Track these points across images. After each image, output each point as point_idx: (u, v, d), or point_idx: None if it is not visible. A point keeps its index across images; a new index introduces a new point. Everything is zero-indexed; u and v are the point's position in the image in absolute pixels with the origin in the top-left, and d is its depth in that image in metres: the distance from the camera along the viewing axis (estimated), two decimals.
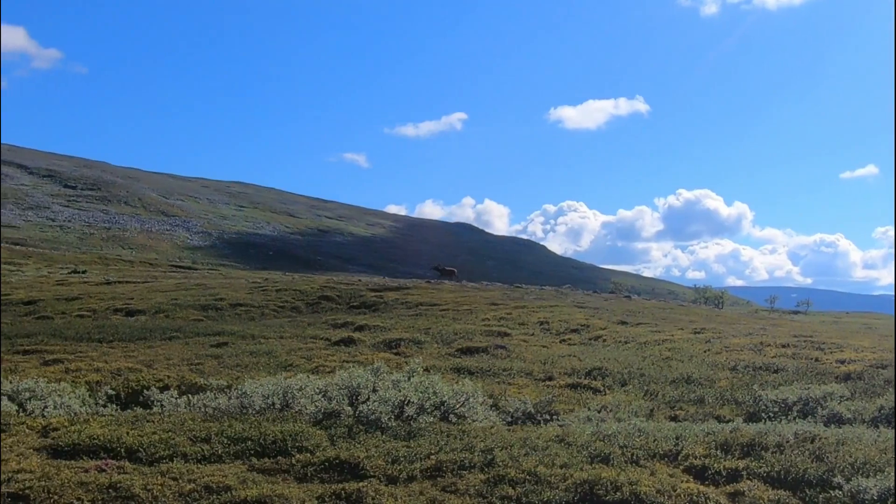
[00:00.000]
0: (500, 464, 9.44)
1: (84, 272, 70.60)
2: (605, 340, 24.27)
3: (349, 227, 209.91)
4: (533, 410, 13.87)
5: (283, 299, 38.16)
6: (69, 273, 69.55)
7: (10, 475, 8.68)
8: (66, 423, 11.55)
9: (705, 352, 21.69)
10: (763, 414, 13.77)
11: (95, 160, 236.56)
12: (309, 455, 9.70)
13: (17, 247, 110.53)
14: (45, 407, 13.45)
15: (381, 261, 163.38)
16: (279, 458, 9.70)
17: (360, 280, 54.14)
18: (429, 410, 11.88)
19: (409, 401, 11.72)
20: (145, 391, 14.45)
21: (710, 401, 15.64)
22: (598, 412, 13.55)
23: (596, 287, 71.53)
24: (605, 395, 16.26)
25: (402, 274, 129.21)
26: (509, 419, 13.43)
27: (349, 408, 11.79)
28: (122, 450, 9.85)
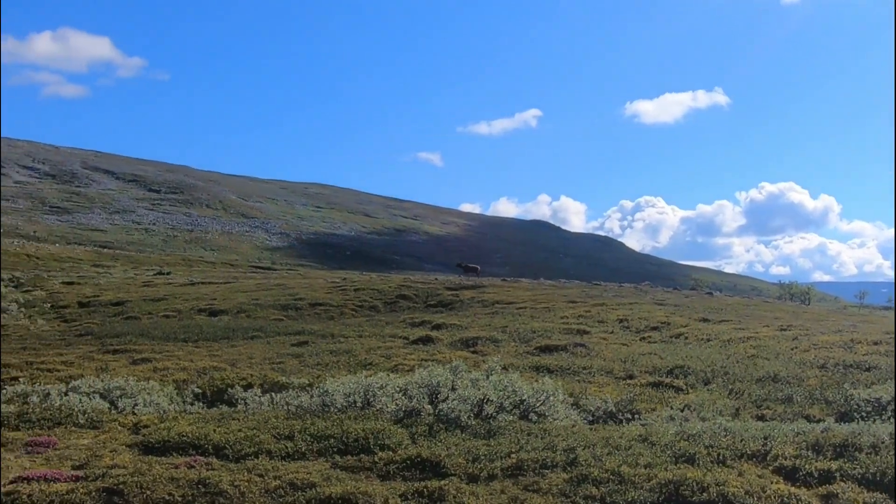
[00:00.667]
0: (583, 463, 9.33)
1: (169, 273, 72.67)
2: (686, 338, 23.81)
3: (424, 226, 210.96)
4: (614, 409, 13.68)
5: (362, 298, 38.56)
6: (154, 274, 71.69)
7: (104, 470, 8.97)
8: (155, 421, 11.90)
9: (792, 349, 21.06)
10: (855, 414, 13.28)
11: (178, 164, 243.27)
12: (391, 453, 9.76)
13: (105, 250, 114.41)
14: (136, 405, 13.86)
15: (456, 259, 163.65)
16: (362, 455, 9.79)
17: (436, 279, 54.35)
18: (508, 409, 11.84)
19: (488, 399, 11.69)
20: (230, 389, 14.78)
21: (799, 400, 15.17)
22: (681, 411, 13.29)
23: (675, 284, 70.31)
24: (687, 393, 15.93)
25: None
26: (590, 418, 13.27)
27: (429, 406, 11.82)
28: (210, 447, 10.07)
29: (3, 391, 15.22)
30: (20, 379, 16.98)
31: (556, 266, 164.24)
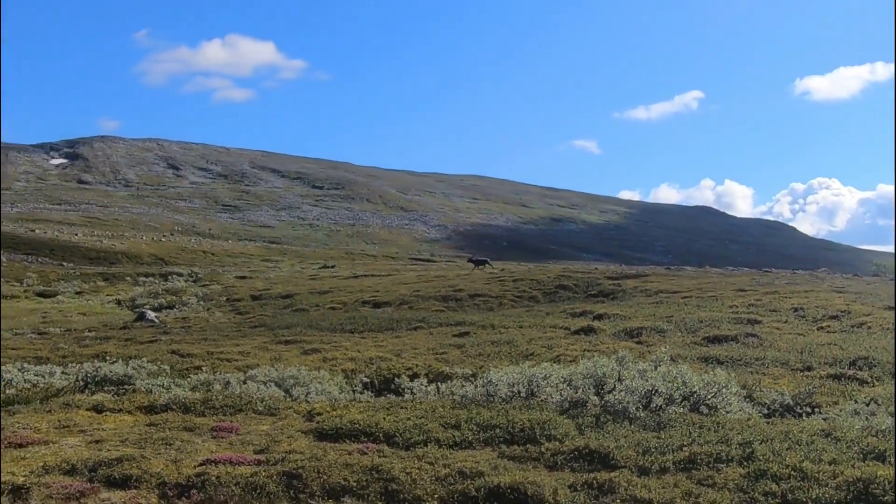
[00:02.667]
0: (761, 458, 8.91)
1: (333, 267, 75.44)
2: (870, 327, 22.30)
3: (582, 214, 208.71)
4: (791, 402, 12.98)
5: (521, 289, 38.58)
6: (320, 268, 74.62)
7: (283, 455, 9.37)
8: (328, 409, 12.33)
9: None
10: None
11: (340, 161, 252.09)
12: (557, 443, 9.68)
13: (273, 245, 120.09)
14: (308, 393, 14.43)
15: (616, 248, 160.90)
16: (528, 445, 9.76)
17: (595, 268, 53.64)
18: (678, 401, 11.48)
19: (657, 390, 11.38)
20: (396, 379, 15.12)
21: None
22: (867, 405, 12.43)
23: (855, 270, 66.09)
24: (873, 386, 14.91)
25: (639, 261, 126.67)
26: (765, 411, 12.66)
27: (595, 397, 11.65)
28: (380, 434, 10.33)
29: (188, 379, 16.25)
30: (203, 368, 18.05)
31: (721, 253, 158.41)
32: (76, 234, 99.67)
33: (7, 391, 15.31)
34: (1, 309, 27.45)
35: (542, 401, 11.94)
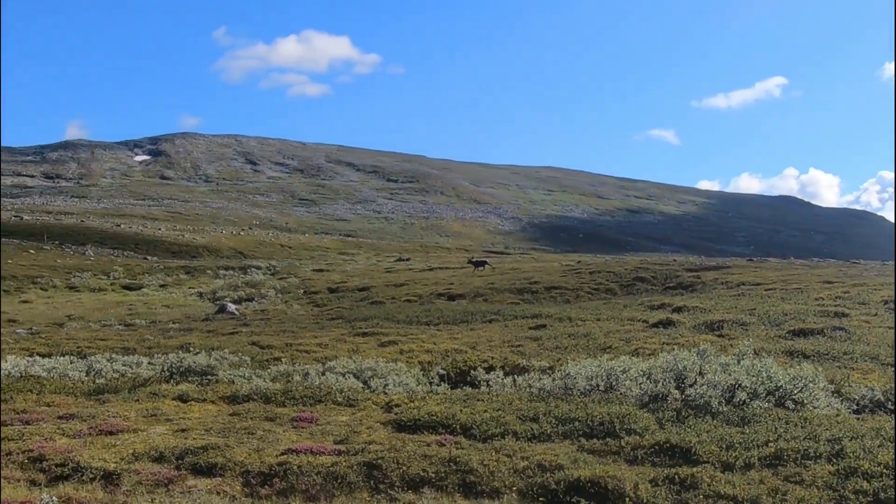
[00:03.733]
0: (851, 455, 8.60)
1: (408, 260, 75.89)
2: None
3: (659, 205, 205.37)
4: (882, 398, 12.50)
5: (597, 281, 38.19)
6: (395, 261, 75.19)
7: (363, 445, 9.46)
8: (405, 400, 12.41)
9: None
10: None
11: (414, 154, 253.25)
12: (638, 437, 9.53)
13: (350, 238, 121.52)
14: (386, 384, 14.54)
15: (695, 239, 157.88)
16: (607, 439, 9.64)
17: (674, 260, 52.74)
18: (762, 396, 11.16)
19: (740, 385, 11.09)
20: (472, 371, 15.10)
21: None
22: None
23: None
24: None
25: (718, 252, 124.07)
26: (855, 407, 12.22)
27: (676, 391, 11.43)
28: (458, 426, 10.34)
29: (268, 370, 16.55)
30: (282, 359, 18.37)
31: (806, 244, 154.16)
32: (159, 229, 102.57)
33: (97, 381, 15.85)
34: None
35: (621, 394, 11.78)
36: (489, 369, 15.11)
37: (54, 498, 6.91)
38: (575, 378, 12.37)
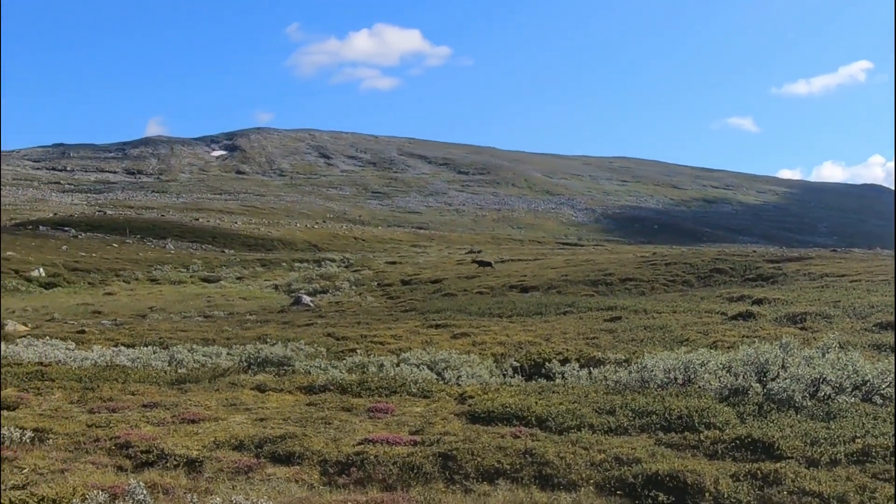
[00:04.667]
0: None
1: (480, 252, 75.84)
2: None
3: (738, 195, 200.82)
4: None
5: (674, 273, 37.56)
6: (466, 253, 75.22)
7: (437, 436, 9.49)
8: (479, 392, 12.40)
9: None
10: None
11: (484, 146, 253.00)
12: (717, 432, 9.33)
13: (421, 230, 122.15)
14: (460, 376, 14.57)
15: (775, 230, 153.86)
16: (686, 433, 9.45)
17: (753, 251, 51.55)
18: (848, 390, 10.81)
19: (825, 379, 10.76)
20: (547, 363, 15.00)
21: None
22: None
23: None
24: None
25: (800, 243, 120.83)
26: None
27: (757, 385, 11.15)
28: (533, 418, 10.28)
29: (343, 361, 16.74)
30: (357, 351, 18.58)
31: (893, 234, 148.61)
32: (236, 223, 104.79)
33: (178, 370, 16.28)
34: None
35: (699, 388, 11.54)
36: (564, 361, 15.00)
37: (141, 483, 7.10)
38: (652, 371, 12.18)
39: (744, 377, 11.33)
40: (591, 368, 13.95)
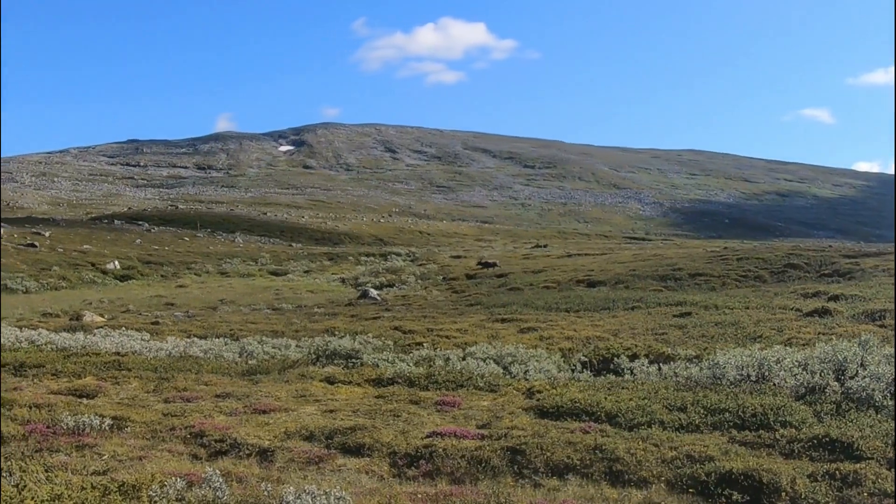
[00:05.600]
0: None
1: (545, 246, 75.50)
2: None
3: (812, 189, 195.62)
4: None
5: (745, 268, 36.78)
6: (532, 247, 74.94)
7: (505, 431, 9.46)
8: (547, 387, 12.33)
9: None
10: None
11: (551, 140, 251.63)
12: (793, 430, 9.10)
13: (486, 224, 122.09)
14: (527, 371, 14.50)
15: (851, 224, 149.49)
16: (760, 431, 9.24)
17: (829, 246, 50.17)
18: None
19: None
20: (615, 359, 14.83)
21: None
22: None
23: None
24: None
25: (878, 238, 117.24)
26: None
27: (835, 383, 10.83)
28: (602, 414, 10.18)
29: (411, 355, 16.83)
30: (423, 344, 18.64)
31: None
32: (303, 217, 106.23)
33: (249, 362, 16.58)
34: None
35: (774, 385, 11.26)
36: (633, 357, 14.81)
37: (217, 471, 7.24)
38: (724, 367, 11.94)
39: (821, 375, 11.02)
40: (661, 364, 13.73)
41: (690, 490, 7.65)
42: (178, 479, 7.03)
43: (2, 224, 56.92)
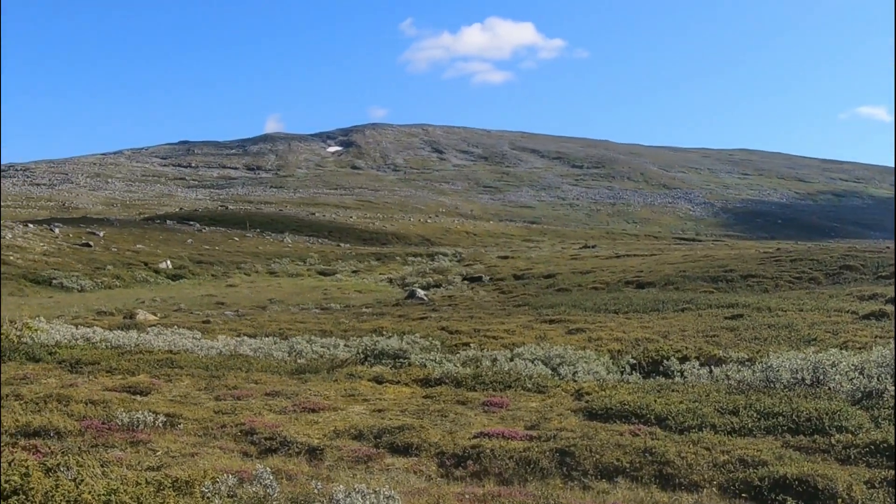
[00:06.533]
0: None
1: (594, 247, 74.98)
2: None
3: (869, 188, 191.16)
4: None
5: (799, 270, 36.09)
6: (581, 248, 74.51)
7: (554, 432, 9.41)
8: (596, 388, 12.23)
9: None
10: None
11: (599, 139, 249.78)
12: (850, 436, 8.89)
13: (534, 225, 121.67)
14: (575, 372, 14.40)
15: None
16: (815, 436, 9.05)
17: (887, 247, 48.97)
18: None
19: None
20: (665, 361, 14.66)
21: None
22: None
23: None
24: None
25: None
26: None
27: (893, 387, 10.57)
28: (652, 416, 10.06)
29: (458, 355, 16.82)
30: (470, 345, 18.63)
31: None
32: (351, 217, 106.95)
33: (298, 361, 16.73)
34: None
35: (829, 389, 11.03)
36: (683, 359, 14.62)
37: (267, 469, 7.31)
38: (778, 370, 11.72)
39: (878, 379, 10.77)
40: (712, 367, 13.53)
41: (743, 495, 7.52)
42: (230, 476, 7.11)
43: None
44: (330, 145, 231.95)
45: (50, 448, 8.64)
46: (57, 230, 62.46)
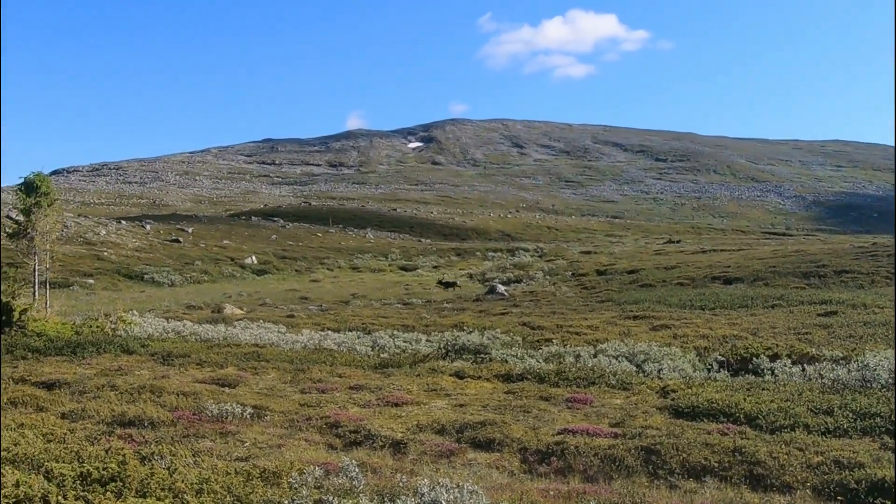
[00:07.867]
0: None
1: (679, 242, 73.56)
2: None
3: None
4: None
5: None
6: (665, 243, 73.18)
7: (639, 430, 9.25)
8: (682, 386, 11.98)
9: None
10: None
11: (684, 132, 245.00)
12: None
13: (616, 220, 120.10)
14: (661, 369, 14.14)
15: None
16: None
17: None
18: None
19: None
20: (755, 359, 14.27)
21: None
22: None
23: None
24: None
25: None
26: None
27: None
28: (741, 415, 9.80)
29: (540, 351, 16.71)
30: (553, 340, 18.48)
31: None
32: (431, 212, 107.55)
33: (381, 355, 16.89)
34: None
35: None
36: (773, 357, 14.20)
37: (353, 461, 7.39)
38: (875, 370, 11.29)
39: None
40: (805, 365, 13.11)
41: (838, 497, 7.26)
42: (316, 468, 7.21)
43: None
44: (410, 141, 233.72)
45: (144, 437, 8.93)
46: (148, 227, 64.57)
